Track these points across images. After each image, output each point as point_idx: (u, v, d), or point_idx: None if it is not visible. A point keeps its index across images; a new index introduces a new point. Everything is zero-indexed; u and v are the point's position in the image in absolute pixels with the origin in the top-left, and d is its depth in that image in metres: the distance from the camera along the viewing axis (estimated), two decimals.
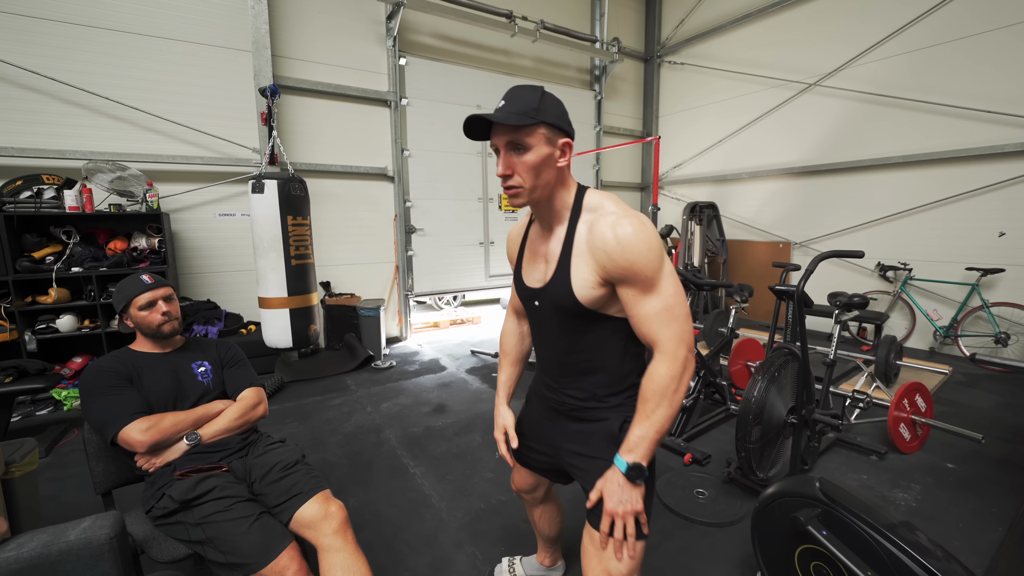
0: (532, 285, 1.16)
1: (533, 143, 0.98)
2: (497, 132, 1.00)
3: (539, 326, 1.20)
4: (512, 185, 1.01)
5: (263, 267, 3.51)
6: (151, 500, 1.40)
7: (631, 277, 0.98)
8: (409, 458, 2.70)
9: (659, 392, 0.99)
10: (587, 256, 1.02)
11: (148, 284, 1.59)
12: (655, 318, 0.99)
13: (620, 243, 0.96)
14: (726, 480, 2.36)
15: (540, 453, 1.34)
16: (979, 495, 2.31)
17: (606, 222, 0.99)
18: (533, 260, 1.17)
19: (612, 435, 1.11)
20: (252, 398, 1.67)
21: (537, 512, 1.57)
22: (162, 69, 4.09)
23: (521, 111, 0.96)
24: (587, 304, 1.04)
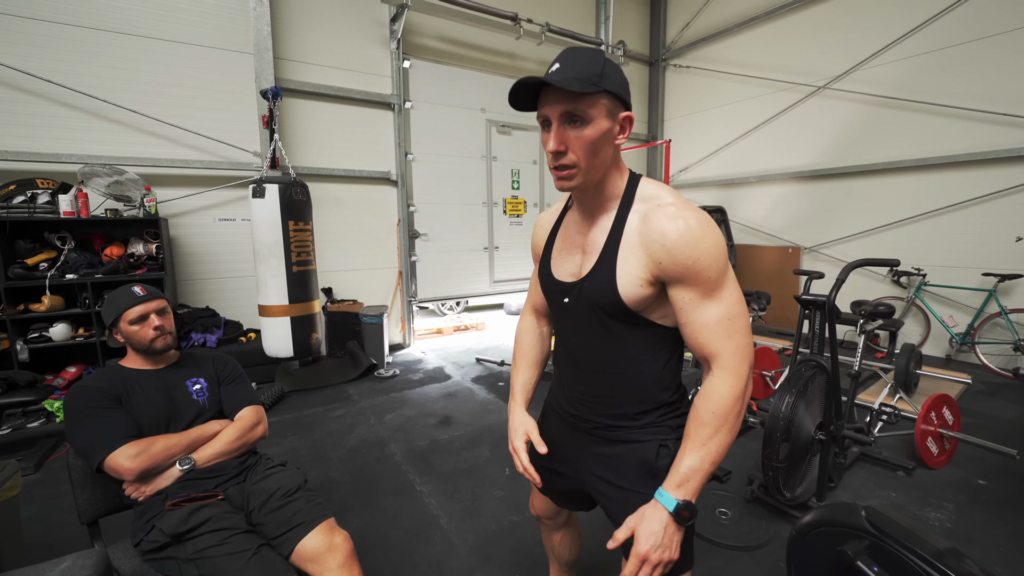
0: (563, 278, 1.01)
1: (594, 115, 0.83)
2: (550, 100, 0.84)
3: (566, 328, 1.04)
4: (565, 164, 0.86)
5: (263, 274, 3.41)
6: (140, 532, 1.29)
7: (691, 277, 0.85)
8: (415, 474, 2.59)
9: (721, 415, 0.86)
10: (638, 249, 0.88)
11: (140, 296, 1.48)
12: (715, 328, 0.86)
13: (682, 237, 0.83)
14: (749, 499, 2.25)
15: (561, 476, 1.16)
16: (1017, 514, 2.19)
17: (665, 212, 0.86)
18: (567, 251, 1.03)
19: (647, 463, 0.98)
20: (251, 418, 1.56)
21: (557, 537, 1.43)
22: (161, 71, 4.00)
23: (583, 76, 0.81)
24: (631, 303, 0.90)
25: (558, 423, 1.16)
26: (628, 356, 0.97)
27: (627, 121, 0.89)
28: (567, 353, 1.07)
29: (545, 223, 1.14)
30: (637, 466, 0.99)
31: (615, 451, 1.03)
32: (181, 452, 1.39)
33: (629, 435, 1.01)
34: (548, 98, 0.85)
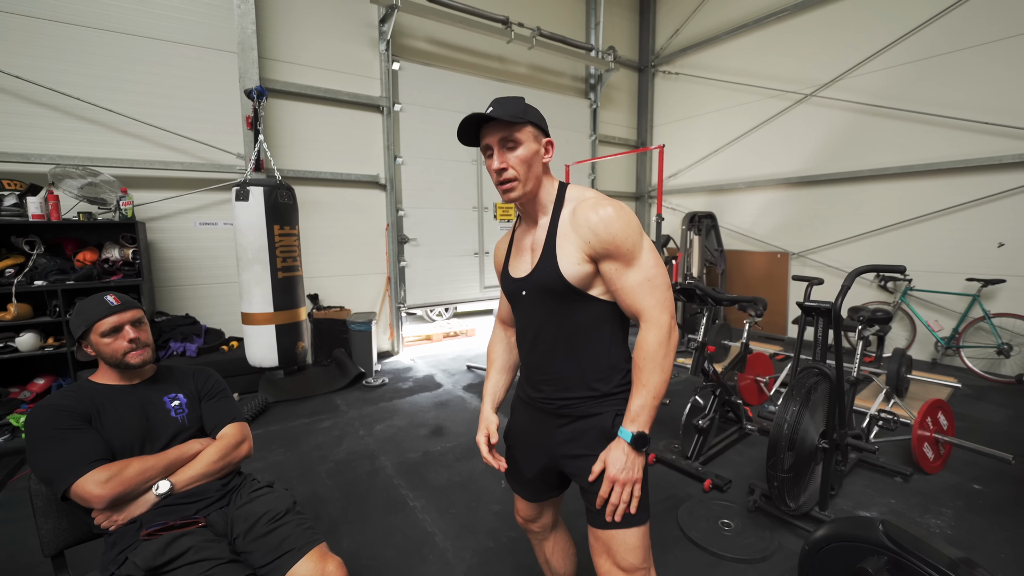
0: (518, 276, 1.19)
1: (523, 139, 1.08)
2: (491, 131, 1.08)
3: (526, 318, 1.20)
4: (508, 178, 1.09)
5: (247, 280, 3.27)
6: (111, 566, 1.18)
7: (614, 251, 1.05)
8: (408, 489, 2.49)
9: (650, 358, 1.04)
10: (572, 236, 1.09)
11: (113, 306, 1.37)
12: (638, 288, 1.06)
13: (602, 220, 1.05)
14: (752, 509, 2.20)
15: (533, 462, 1.28)
16: (1014, 520, 2.19)
17: (588, 204, 1.08)
18: (519, 255, 1.23)
19: (605, 430, 1.13)
20: (235, 436, 1.45)
21: (548, 547, 1.44)
22: (140, 69, 3.86)
23: (512, 114, 1.06)
24: (573, 281, 1.08)
25: (525, 412, 1.29)
26: (577, 328, 1.13)
27: (548, 145, 1.15)
28: (528, 342, 1.21)
29: (501, 244, 1.35)
30: (597, 434, 1.13)
31: (578, 426, 1.16)
32: (158, 475, 1.28)
33: (589, 409, 1.15)
34: (489, 131, 1.09)
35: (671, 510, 2.26)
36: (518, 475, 1.34)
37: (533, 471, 1.28)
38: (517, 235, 1.27)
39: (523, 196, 1.12)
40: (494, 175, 1.10)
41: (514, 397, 1.36)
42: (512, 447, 1.34)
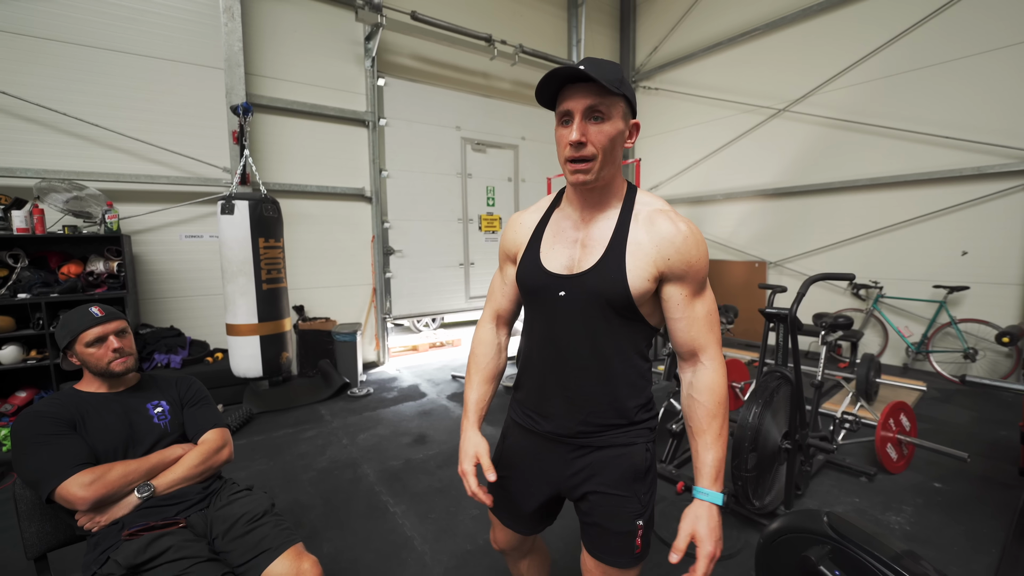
0: (556, 270, 1.01)
1: (615, 114, 0.91)
2: (578, 94, 0.90)
3: (556, 324, 1.02)
4: (585, 156, 0.91)
5: (232, 292, 3.32)
6: (93, 565, 1.23)
7: (691, 275, 0.95)
8: (389, 495, 2.54)
9: (723, 403, 0.96)
10: (648, 246, 0.95)
11: (98, 317, 1.43)
12: (704, 321, 0.98)
13: (687, 238, 0.94)
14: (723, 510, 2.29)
15: (535, 495, 1.13)
16: (969, 515, 2.30)
17: (669, 216, 0.97)
18: (559, 244, 1.04)
19: (635, 468, 1.03)
20: (215, 441, 1.51)
21: (524, 565, 1.35)
22: (127, 85, 3.92)
23: (609, 79, 0.87)
24: (636, 297, 0.95)
25: (525, 439, 1.13)
26: (620, 350, 1.00)
27: (635, 128, 0.98)
28: (551, 358, 1.04)
29: (527, 221, 1.12)
30: (625, 471, 1.03)
31: (599, 457, 1.04)
32: (140, 478, 1.33)
33: (614, 439, 1.03)
34: (574, 93, 0.90)
35: None
36: (512, 509, 1.19)
37: (533, 505, 1.15)
38: (556, 218, 1.08)
39: (597, 181, 0.95)
40: (567, 149, 0.92)
41: (507, 420, 1.21)
42: (507, 478, 1.17)
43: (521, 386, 1.16)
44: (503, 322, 1.23)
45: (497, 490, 1.17)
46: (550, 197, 1.14)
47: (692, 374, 1.00)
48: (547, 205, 1.12)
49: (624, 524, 1.04)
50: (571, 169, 0.94)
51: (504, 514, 1.21)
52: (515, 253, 1.12)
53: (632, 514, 1.04)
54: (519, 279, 1.08)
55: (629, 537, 1.04)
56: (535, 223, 1.10)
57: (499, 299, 1.20)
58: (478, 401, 1.16)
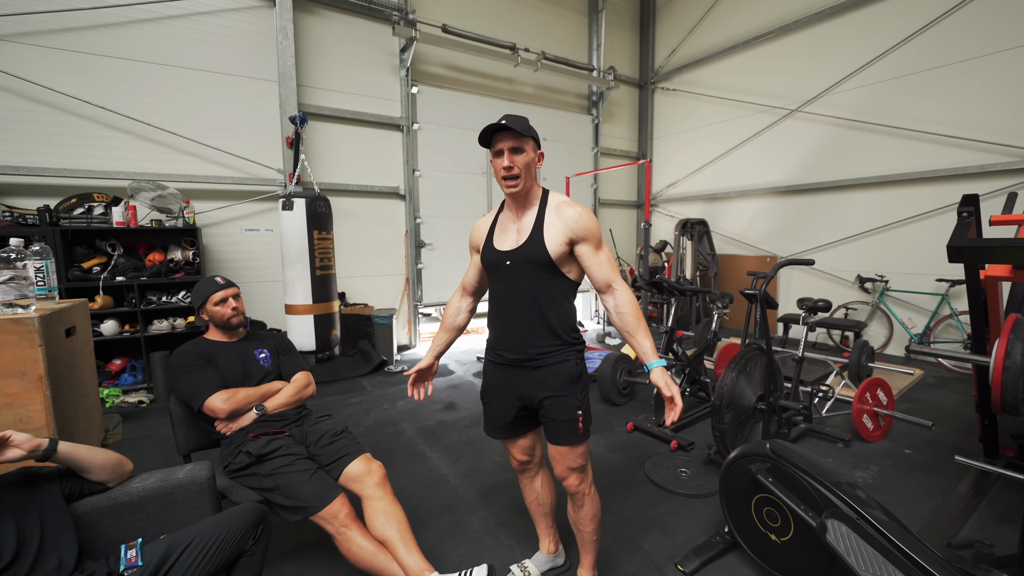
0: (503, 248, 1.54)
1: (527, 148, 1.46)
2: (504, 138, 1.45)
3: (508, 284, 1.53)
4: (513, 175, 1.46)
5: (291, 277, 3.87)
6: (229, 458, 1.74)
7: (590, 236, 1.48)
8: (425, 446, 3.02)
9: (637, 311, 1.48)
10: (558, 223, 1.47)
11: (221, 284, 1.94)
12: (608, 263, 1.50)
13: (580, 214, 1.48)
14: (707, 461, 2.68)
15: (509, 408, 1.61)
16: (929, 473, 2.63)
17: (569, 203, 1.52)
18: (504, 234, 1.56)
19: (571, 375, 1.52)
20: (303, 380, 2.01)
21: (538, 482, 1.78)
22: (198, 98, 4.52)
23: (522, 127, 1.45)
24: (554, 255, 1.45)
25: (499, 371, 1.62)
26: (551, 294, 1.51)
27: (541, 156, 1.55)
28: (505, 307, 1.56)
29: (483, 224, 1.68)
30: (564, 378, 1.52)
31: (546, 372, 1.52)
32: (256, 400, 1.84)
33: (554, 359, 1.52)
34: (502, 138, 1.46)
35: (640, 463, 2.75)
36: (499, 423, 1.65)
37: (511, 416, 1.62)
38: (501, 219, 1.61)
39: (521, 190, 1.48)
40: (502, 171, 1.45)
41: (485, 363, 1.69)
42: (490, 403, 1.66)
43: (491, 336, 1.66)
44: (467, 292, 1.79)
45: (487, 414, 1.69)
46: (496, 208, 1.67)
47: (613, 299, 1.49)
48: (495, 213, 1.66)
49: (569, 414, 1.51)
50: (505, 185, 1.49)
51: (496, 430, 1.69)
52: (477, 244, 1.68)
53: (573, 407, 1.51)
54: (483, 259, 1.63)
55: (573, 424, 1.51)
56: (489, 224, 1.65)
57: (468, 276, 1.78)
58: (437, 341, 1.79)
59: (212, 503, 1.49)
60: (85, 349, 1.74)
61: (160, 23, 4.32)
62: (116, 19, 4.13)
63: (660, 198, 7.78)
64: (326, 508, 1.61)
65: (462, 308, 1.79)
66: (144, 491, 1.40)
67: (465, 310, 1.80)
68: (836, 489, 1.58)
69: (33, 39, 3.85)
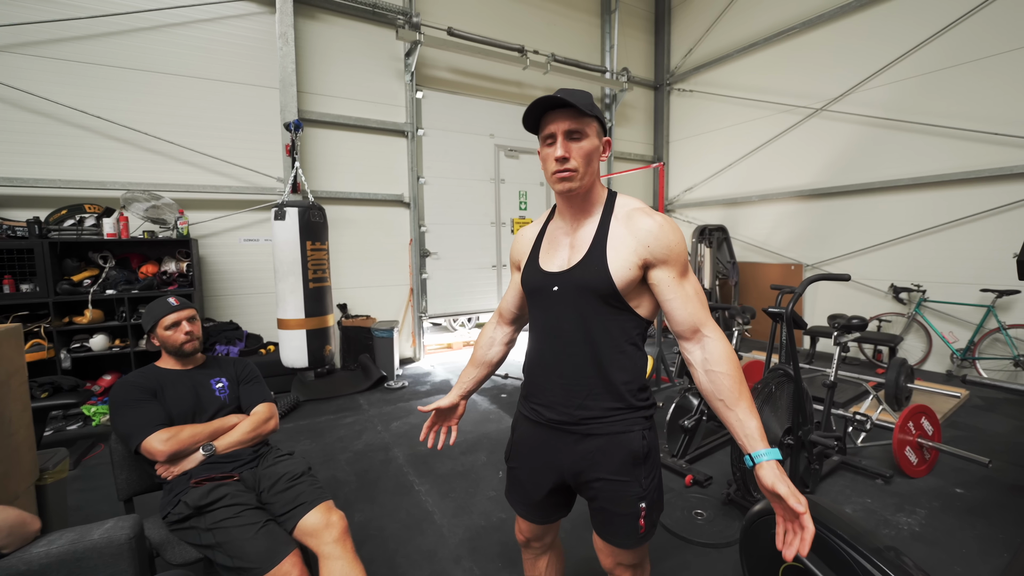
0: (551, 269, 1.16)
1: (589, 133, 1.08)
2: (558, 119, 1.07)
3: (554, 317, 1.15)
4: (569, 168, 1.07)
5: (282, 290, 3.70)
6: (167, 506, 1.52)
7: (673, 258, 1.07)
8: (415, 476, 2.78)
9: (739, 369, 1.03)
10: (628, 239, 1.08)
11: (174, 306, 1.74)
12: (696, 298, 1.08)
13: (663, 227, 1.07)
14: (725, 501, 2.37)
15: (543, 483, 1.22)
16: (987, 520, 2.27)
17: (645, 212, 1.11)
18: (553, 249, 1.19)
19: (634, 454, 1.11)
20: (264, 413, 1.79)
21: (542, 563, 1.40)
22: (195, 105, 4.42)
23: (584, 104, 1.04)
24: (619, 284, 1.06)
25: (532, 430, 1.22)
26: (612, 337, 1.10)
27: (607, 144, 1.15)
28: (548, 350, 1.16)
29: (528, 234, 1.30)
30: (623, 457, 1.11)
31: (599, 444, 1.11)
32: (204, 439, 1.63)
33: (612, 427, 1.11)
34: (556, 118, 1.07)
35: None
36: (525, 497, 1.26)
37: (542, 493, 1.22)
38: (551, 229, 1.23)
39: (578, 189, 1.09)
40: (553, 163, 1.08)
41: (516, 415, 1.30)
42: (517, 468, 1.27)
43: (526, 381, 1.25)
44: (504, 320, 1.41)
45: (511, 480, 1.31)
46: (546, 213, 1.29)
47: (702, 350, 1.05)
48: (544, 220, 1.28)
49: (627, 507, 1.12)
50: (557, 178, 1.09)
51: (518, 503, 1.29)
52: (519, 262, 1.29)
53: (634, 497, 1.11)
54: (523, 282, 1.24)
55: (632, 519, 1.12)
56: (535, 235, 1.27)
57: (505, 300, 1.39)
58: (465, 377, 1.40)
59: (134, 569, 1.27)
60: (13, 381, 1.55)
61: (158, 31, 4.24)
62: (112, 28, 4.05)
63: (677, 203, 7.44)
64: (274, 569, 1.37)
65: (496, 339, 1.41)
66: (48, 557, 1.19)
67: (500, 342, 1.41)
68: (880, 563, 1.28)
69: (27, 49, 3.79)
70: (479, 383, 1.41)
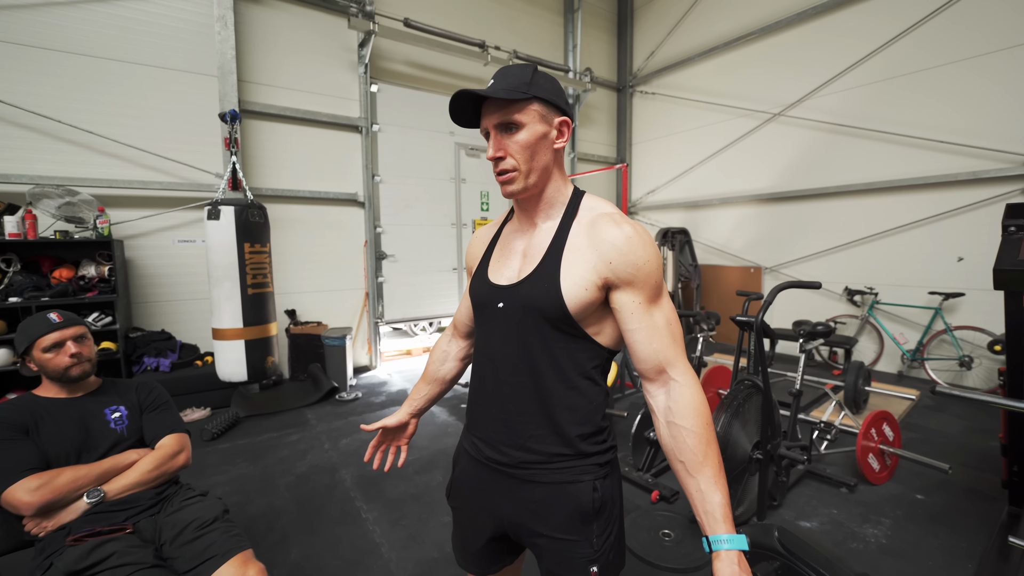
0: (498, 282, 0.97)
1: (525, 120, 0.88)
2: (487, 112, 0.90)
3: (497, 339, 0.96)
4: (505, 169, 0.89)
5: (217, 297, 3.36)
6: (37, 571, 1.24)
7: (640, 280, 0.86)
8: (363, 501, 2.54)
9: (710, 424, 0.85)
10: (587, 251, 0.88)
11: (55, 323, 1.45)
12: (666, 331, 0.87)
13: (630, 240, 0.86)
14: (692, 519, 2.26)
15: (481, 531, 1.04)
16: (949, 528, 2.26)
17: (612, 219, 0.89)
18: (504, 257, 1.00)
19: (581, 510, 0.91)
20: (172, 446, 1.52)
21: None
22: (121, 92, 3.99)
23: (512, 86, 0.86)
24: (573, 307, 0.87)
25: (472, 468, 1.04)
26: (558, 369, 0.91)
27: (564, 125, 0.92)
28: (492, 369, 0.98)
29: (483, 236, 1.11)
30: (570, 512, 0.92)
31: (542, 494, 0.93)
32: (90, 483, 1.35)
33: (557, 475, 0.92)
34: (485, 111, 0.91)
35: None
36: (461, 544, 1.10)
37: (480, 542, 1.05)
38: (506, 233, 1.05)
39: (526, 190, 0.92)
40: (493, 165, 0.93)
41: (459, 446, 1.12)
42: (457, 510, 1.11)
43: (468, 410, 1.09)
44: (459, 332, 1.23)
45: (454, 522, 1.14)
46: (505, 212, 1.11)
47: (666, 396, 0.87)
48: (502, 220, 1.10)
49: (575, 571, 0.93)
50: (500, 182, 0.92)
51: (457, 550, 1.13)
52: (473, 265, 1.11)
53: (583, 559, 0.92)
54: (470, 293, 1.06)
55: None
56: (490, 237, 1.09)
57: (460, 310, 1.21)
58: (415, 393, 1.23)
59: None
60: None
61: (74, 7, 3.78)
62: (16, 0, 3.58)
63: (640, 206, 7.44)
64: None
65: (451, 354, 1.23)
66: None
67: (455, 357, 1.23)
68: None
69: None
70: (432, 400, 1.24)
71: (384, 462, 1.22)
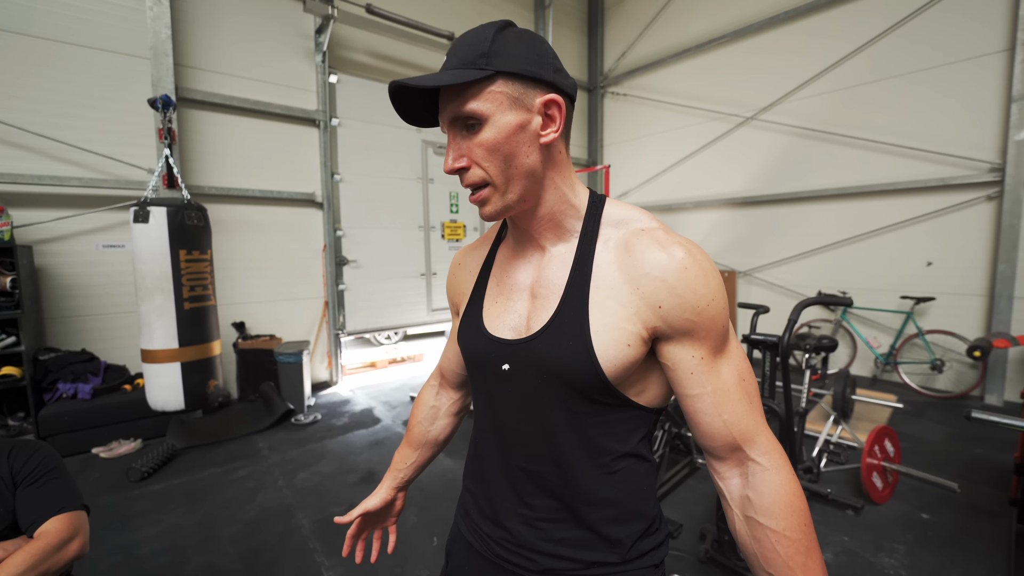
0: (500, 335, 0.70)
1: (486, 110, 0.59)
2: (441, 103, 0.63)
3: (503, 407, 0.71)
4: (473, 183, 0.63)
5: (147, 313, 2.87)
6: None
7: (702, 326, 0.60)
8: (324, 554, 2.17)
9: (806, 525, 0.60)
10: (624, 289, 0.62)
11: None
12: (738, 393, 0.62)
13: (687, 271, 0.60)
14: (703, 560, 2.03)
15: None
16: (963, 552, 2.13)
17: (655, 238, 0.62)
18: (504, 296, 0.73)
19: None
20: (58, 533, 1.13)
21: None
22: (32, 73, 3.41)
23: (465, 62, 0.59)
24: (612, 372, 0.61)
25: (474, 565, 0.77)
26: (595, 451, 0.66)
27: (552, 106, 0.62)
28: (501, 454, 0.72)
29: (469, 263, 0.82)
30: None
31: None
32: None
33: None
34: (440, 102, 0.63)
35: None
36: None
37: None
38: (502, 258, 0.77)
39: (508, 210, 0.65)
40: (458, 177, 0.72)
41: (453, 530, 0.85)
42: None
43: (469, 484, 0.81)
44: (449, 383, 0.94)
45: None
46: (497, 225, 0.82)
47: (743, 482, 0.63)
48: (493, 236, 0.82)
49: None
50: (471, 201, 0.65)
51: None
52: (457, 302, 0.83)
53: None
54: (460, 344, 0.77)
55: None
56: (480, 264, 0.80)
57: (446, 356, 0.92)
58: (400, 461, 0.94)
59: None
60: None
61: None
62: None
63: None
64: None
65: (441, 410, 0.94)
66: None
67: (447, 413, 0.95)
68: None
69: None
70: (420, 468, 0.95)
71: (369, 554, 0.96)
